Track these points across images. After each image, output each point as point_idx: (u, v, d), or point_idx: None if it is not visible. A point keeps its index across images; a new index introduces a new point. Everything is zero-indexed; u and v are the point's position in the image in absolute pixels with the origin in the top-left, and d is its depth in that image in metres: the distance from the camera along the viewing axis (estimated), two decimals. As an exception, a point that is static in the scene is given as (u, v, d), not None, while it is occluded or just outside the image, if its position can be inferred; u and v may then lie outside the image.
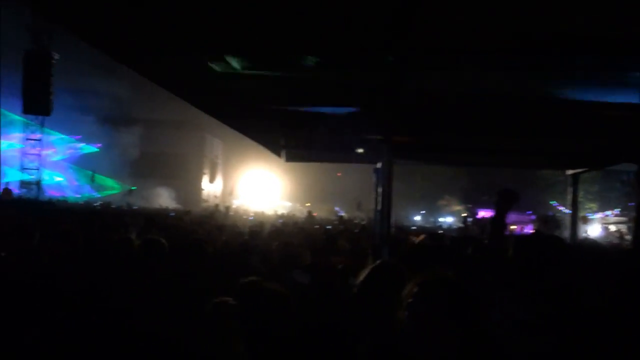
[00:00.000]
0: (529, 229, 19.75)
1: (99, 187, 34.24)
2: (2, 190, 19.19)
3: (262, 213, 22.36)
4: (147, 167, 32.33)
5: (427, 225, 24.85)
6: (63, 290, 3.49)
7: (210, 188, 38.21)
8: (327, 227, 12.73)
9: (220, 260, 5.52)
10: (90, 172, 33.38)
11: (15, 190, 21.40)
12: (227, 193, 37.47)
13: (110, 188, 34.41)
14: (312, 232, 9.76)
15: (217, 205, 24.10)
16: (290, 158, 8.62)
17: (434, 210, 35.65)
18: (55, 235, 5.97)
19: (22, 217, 10.67)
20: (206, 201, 34.69)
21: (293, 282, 4.41)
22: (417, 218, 33.50)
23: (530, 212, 25.92)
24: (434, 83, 4.73)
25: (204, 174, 36.87)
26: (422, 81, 4.60)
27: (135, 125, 31.99)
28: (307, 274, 4.68)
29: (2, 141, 32.01)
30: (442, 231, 14.45)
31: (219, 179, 39.89)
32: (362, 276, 2.85)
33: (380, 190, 6.44)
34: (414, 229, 14.72)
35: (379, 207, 6.46)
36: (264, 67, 4.72)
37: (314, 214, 19.87)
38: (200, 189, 36.12)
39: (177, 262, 4.60)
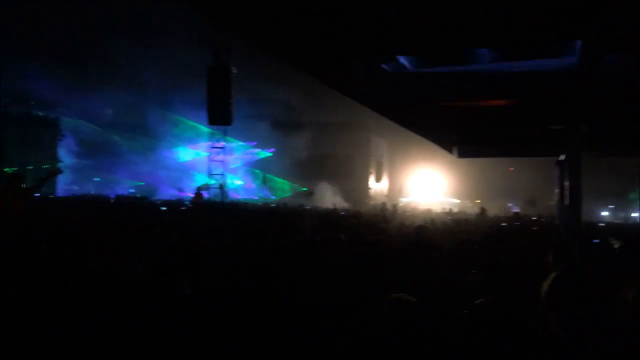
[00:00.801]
0: None
1: (274, 189, 36.64)
2: (194, 195, 21.38)
3: (430, 210, 22.03)
4: (316, 168, 33.75)
5: (617, 221, 22.44)
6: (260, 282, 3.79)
7: (377, 187, 38.71)
8: (502, 224, 12.16)
9: (393, 257, 5.57)
10: (263, 175, 35.89)
11: (205, 195, 23.68)
12: (394, 191, 37.69)
13: (284, 190, 36.66)
14: (485, 229, 9.40)
15: (384, 204, 24.29)
16: (463, 154, 8.35)
17: (625, 205, 32.03)
18: (246, 234, 6.52)
19: (213, 218, 11.86)
20: (373, 200, 35.18)
21: (469, 281, 4.27)
22: (605, 213, 30.38)
23: None
24: (628, 67, 4.26)
25: (370, 173, 37.48)
26: (614, 64, 4.17)
27: (305, 129, 33.59)
28: (484, 272, 4.50)
29: (192, 150, 35.91)
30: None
31: (384, 178, 40.29)
32: (550, 279, 2.66)
33: (566, 184, 5.98)
34: (602, 225, 13.41)
35: (566, 202, 6.00)
36: (436, 63, 4.67)
37: (486, 211, 19.05)
38: (367, 188, 36.78)
39: (356, 258, 4.74)
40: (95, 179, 34.16)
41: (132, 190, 32.01)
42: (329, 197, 30.40)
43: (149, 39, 27.25)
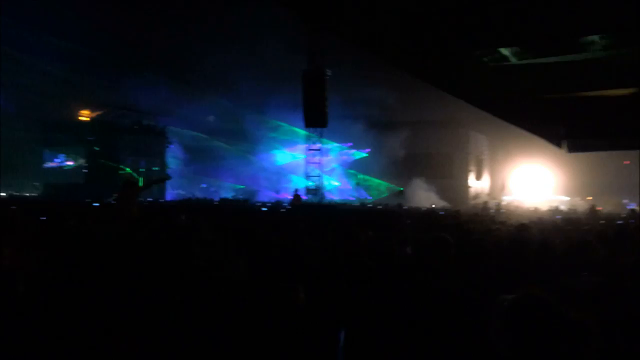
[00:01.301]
0: None
1: (370, 190, 36.53)
2: (292, 197, 21.88)
3: (536, 209, 20.98)
4: (413, 168, 33.24)
5: None
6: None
7: (477, 185, 37.43)
8: (618, 222, 11.29)
9: (497, 257, 5.34)
10: (359, 176, 35.88)
11: (303, 197, 24.13)
12: (496, 189, 36.25)
13: (380, 190, 36.45)
14: (598, 228, 8.76)
15: (486, 203, 23.48)
16: (574, 148, 7.85)
17: None
18: (343, 235, 6.53)
19: (311, 219, 12.04)
20: (474, 198, 34.07)
21: (581, 282, 4.00)
22: None
23: None
24: None
25: (470, 171, 36.28)
26: None
27: (400, 129, 33.19)
28: (598, 274, 4.20)
29: (289, 153, 36.75)
30: None
31: (485, 176, 38.84)
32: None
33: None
34: None
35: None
36: (541, 54, 4.40)
37: (598, 208, 17.81)
38: (467, 187, 35.65)
39: (460, 259, 4.58)
40: (203, 185, 36.03)
41: (233, 194, 33.33)
42: (426, 197, 29.84)
43: (245, 47, 28.21)
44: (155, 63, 29.10)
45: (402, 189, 33.26)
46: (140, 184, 8.06)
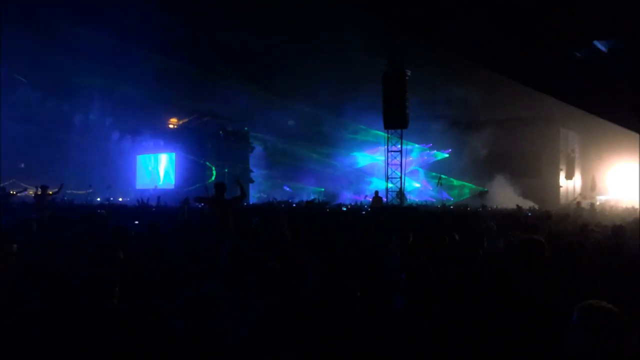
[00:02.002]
0: None
1: (452, 191, 35.71)
2: (373, 199, 21.78)
3: (633, 208, 19.69)
4: (497, 167, 32.14)
5: None
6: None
7: (568, 184, 35.53)
8: None
9: (591, 260, 5.04)
10: (438, 176, 35.12)
11: (384, 199, 24.00)
12: (589, 189, 34.24)
13: (462, 191, 35.55)
14: None
15: (579, 203, 22.28)
16: (675, 144, 7.27)
17: None
18: (427, 236, 6.45)
19: (391, 221, 11.94)
20: (565, 199, 32.42)
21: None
22: None
23: None
24: None
25: (560, 169, 34.49)
26: None
27: (483, 127, 32.21)
28: None
29: (370, 155, 36.70)
30: None
31: (577, 175, 36.79)
32: None
33: None
34: None
35: None
36: (637, 46, 4.11)
37: None
38: (557, 186, 33.95)
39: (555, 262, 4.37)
40: (286, 187, 36.80)
41: (314, 196, 33.73)
42: (511, 197, 28.76)
43: (324, 50, 28.51)
44: (237, 70, 30.05)
45: (485, 189, 32.27)
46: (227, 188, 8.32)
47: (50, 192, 14.37)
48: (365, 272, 4.01)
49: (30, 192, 26.06)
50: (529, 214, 15.40)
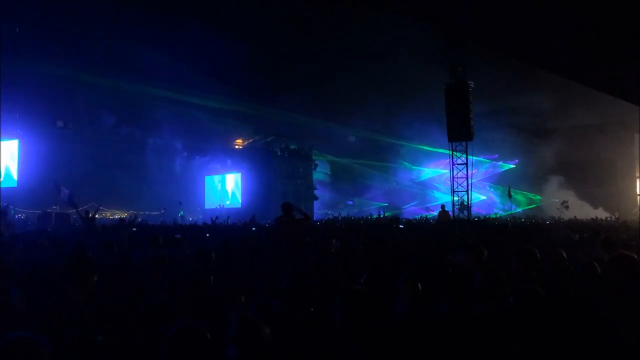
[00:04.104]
0: None
1: (519, 202, 34.53)
2: (439, 213, 21.40)
3: None
4: (567, 176, 30.90)
5: None
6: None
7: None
8: None
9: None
10: (506, 189, 34.09)
11: (450, 212, 23.54)
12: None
13: (530, 202, 34.37)
14: None
15: (659, 212, 21.06)
16: None
17: None
18: (518, 252, 6.27)
19: (459, 236, 11.69)
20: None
21: None
22: None
23: None
24: None
25: (637, 177, 32.67)
26: None
27: (552, 135, 31.12)
28: None
29: (433, 169, 36.21)
30: None
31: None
32: None
33: None
34: None
35: None
36: None
37: None
38: (635, 195, 32.15)
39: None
40: (350, 202, 36.84)
41: (379, 212, 33.53)
42: (582, 207, 27.52)
43: (384, 64, 28.63)
44: (299, 89, 30.62)
45: (555, 200, 31.04)
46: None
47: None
48: (452, 291, 3.92)
49: (108, 215, 27.43)
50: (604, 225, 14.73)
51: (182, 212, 27.29)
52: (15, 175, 28.82)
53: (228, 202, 33.64)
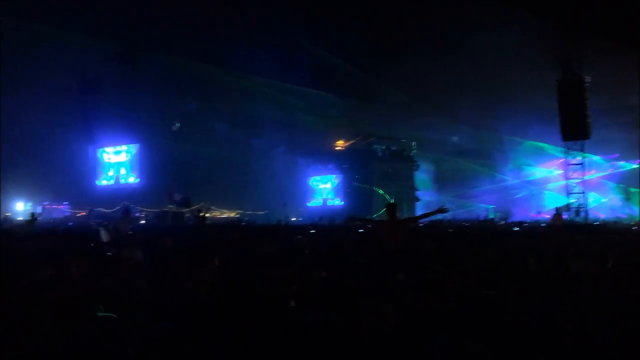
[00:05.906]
0: None
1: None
2: (552, 217, 20.22)
3: None
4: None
5: None
6: None
7: None
8: None
9: None
10: (629, 190, 31.47)
11: (564, 215, 22.25)
12: None
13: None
14: None
15: None
16: None
17: None
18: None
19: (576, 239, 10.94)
20: None
21: None
22: None
23: None
24: None
25: None
26: None
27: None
28: None
29: (545, 169, 34.33)
30: None
31: None
32: None
33: None
34: None
35: None
36: None
37: None
38: None
39: None
40: (449, 204, 35.87)
41: (485, 214, 32.38)
42: None
43: (489, 63, 27.60)
44: (400, 89, 30.40)
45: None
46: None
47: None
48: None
49: (217, 214, 28.82)
50: None
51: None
52: (135, 178, 31.46)
53: (331, 201, 34.36)
